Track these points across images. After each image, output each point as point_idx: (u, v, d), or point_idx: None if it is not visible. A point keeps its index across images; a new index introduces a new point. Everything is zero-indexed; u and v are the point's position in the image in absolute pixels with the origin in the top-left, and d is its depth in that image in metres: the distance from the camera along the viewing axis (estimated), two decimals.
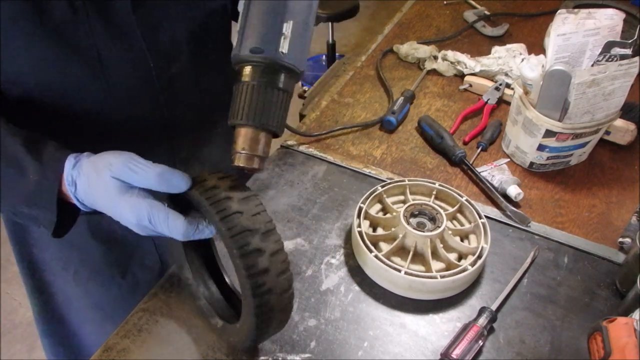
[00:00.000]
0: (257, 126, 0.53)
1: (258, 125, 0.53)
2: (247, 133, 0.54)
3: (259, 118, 0.53)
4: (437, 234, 0.77)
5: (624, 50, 0.83)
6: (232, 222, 0.53)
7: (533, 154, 0.94)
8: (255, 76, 0.52)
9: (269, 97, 0.53)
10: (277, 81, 0.53)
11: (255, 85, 0.52)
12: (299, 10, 0.53)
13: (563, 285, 0.78)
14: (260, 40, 0.52)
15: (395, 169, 0.97)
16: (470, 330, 0.68)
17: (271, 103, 0.53)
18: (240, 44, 0.53)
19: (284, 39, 0.52)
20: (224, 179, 0.57)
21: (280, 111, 0.54)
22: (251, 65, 0.53)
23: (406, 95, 1.10)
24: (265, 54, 0.52)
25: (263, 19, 0.52)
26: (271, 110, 0.53)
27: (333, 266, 0.80)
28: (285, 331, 0.71)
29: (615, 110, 0.89)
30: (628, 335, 0.60)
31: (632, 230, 0.83)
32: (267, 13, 0.52)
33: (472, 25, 1.35)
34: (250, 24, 0.52)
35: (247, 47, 0.52)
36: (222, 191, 0.55)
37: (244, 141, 0.54)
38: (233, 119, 0.54)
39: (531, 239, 0.84)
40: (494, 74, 1.15)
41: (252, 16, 0.52)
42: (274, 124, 0.54)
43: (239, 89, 0.53)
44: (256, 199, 0.57)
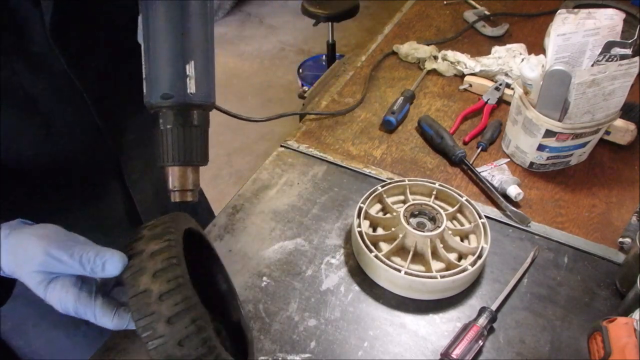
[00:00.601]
0: (182, 164, 0.57)
1: (182, 163, 0.57)
2: (174, 172, 0.58)
3: (182, 157, 0.57)
4: (437, 234, 0.77)
5: (624, 50, 0.83)
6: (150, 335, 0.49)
7: (533, 154, 0.94)
8: (170, 120, 0.56)
9: (187, 135, 0.57)
10: (191, 119, 0.57)
11: (172, 128, 0.56)
12: (199, 47, 0.56)
13: (563, 285, 0.78)
14: (168, 86, 0.55)
15: (395, 169, 0.97)
16: (470, 330, 0.68)
17: (190, 140, 0.57)
18: (150, 91, 0.56)
19: (190, 79, 0.56)
20: (156, 256, 0.52)
21: (200, 144, 0.58)
22: (164, 110, 0.56)
23: (406, 95, 1.10)
24: (175, 99, 0.55)
25: (166, 64, 0.55)
26: (192, 146, 0.57)
27: (333, 266, 0.80)
28: (285, 331, 0.71)
29: (615, 110, 0.89)
30: (628, 335, 0.60)
31: (632, 230, 0.83)
32: (169, 58, 0.55)
33: (472, 25, 1.35)
34: (155, 70, 0.55)
35: (157, 94, 0.55)
36: (152, 295, 0.50)
37: (174, 180, 0.58)
38: (160, 162, 0.57)
39: (531, 239, 0.84)
40: (494, 74, 1.15)
41: (155, 62, 0.55)
42: (196, 158, 0.58)
43: (159, 134, 0.57)
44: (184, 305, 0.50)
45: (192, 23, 0.56)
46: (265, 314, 0.74)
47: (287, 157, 0.99)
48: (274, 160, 0.99)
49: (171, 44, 0.55)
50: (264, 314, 0.74)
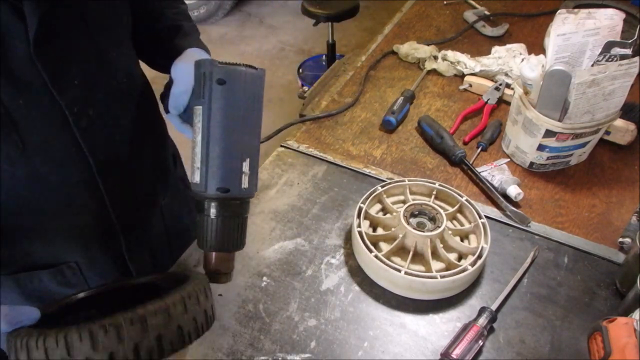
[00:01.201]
0: (226, 251, 0.62)
1: (227, 250, 0.62)
2: (219, 257, 0.62)
3: (226, 245, 0.62)
4: (437, 234, 0.77)
5: (624, 50, 0.83)
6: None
7: (533, 154, 0.94)
8: (222, 210, 0.60)
9: (234, 226, 0.62)
10: (240, 211, 0.62)
11: (222, 218, 0.60)
12: (253, 147, 0.62)
13: (563, 285, 0.78)
14: (225, 181, 0.59)
15: (395, 169, 0.97)
16: (470, 330, 0.68)
17: (235, 230, 0.62)
18: (206, 182, 0.59)
19: (244, 176, 0.60)
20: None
21: (243, 232, 0.63)
22: (217, 201, 0.60)
23: (406, 95, 1.10)
24: (231, 192, 0.60)
25: (225, 160, 0.59)
26: (235, 235, 0.62)
27: (333, 266, 0.80)
28: (285, 331, 0.71)
29: (615, 110, 0.89)
30: (628, 335, 0.60)
31: (632, 230, 0.83)
32: (228, 154, 0.59)
33: (472, 25, 1.35)
34: (213, 164, 0.59)
35: (214, 186, 0.59)
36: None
37: (217, 264, 0.62)
38: (206, 248, 0.62)
39: (531, 239, 0.84)
40: (494, 74, 1.15)
41: (214, 153, 0.59)
42: (238, 245, 0.63)
43: (207, 221, 0.60)
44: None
45: (251, 122, 0.61)
46: (265, 314, 0.74)
47: (287, 157, 0.99)
48: (274, 160, 0.99)
49: (233, 142, 0.59)
50: (264, 314, 0.74)
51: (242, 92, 0.59)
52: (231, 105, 0.59)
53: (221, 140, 0.59)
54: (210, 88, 0.58)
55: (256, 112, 0.61)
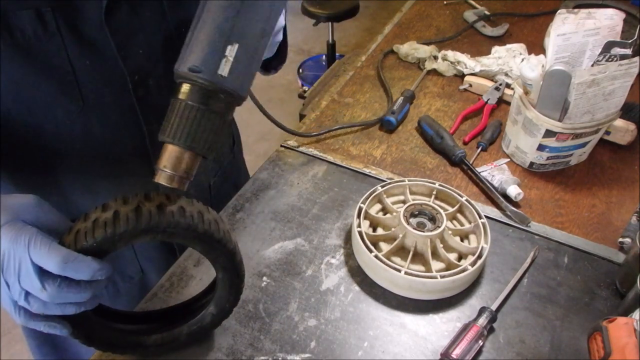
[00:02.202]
0: (183, 147, 0.52)
1: (184, 145, 0.52)
2: (172, 151, 0.52)
3: (186, 139, 0.52)
4: (437, 234, 0.77)
5: (624, 50, 0.83)
6: None
7: (533, 154, 0.94)
8: (190, 96, 0.51)
9: (201, 119, 0.51)
10: (212, 104, 0.52)
11: (189, 105, 0.51)
12: (250, 35, 0.52)
13: (563, 285, 0.78)
14: (200, 60, 0.50)
15: (395, 169, 0.97)
16: (470, 330, 0.68)
17: (203, 125, 0.52)
18: (181, 60, 0.51)
19: (226, 61, 0.51)
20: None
21: (211, 134, 0.53)
22: (189, 83, 0.51)
23: (406, 95, 1.10)
24: (202, 74, 0.50)
25: (208, 37, 0.50)
26: (201, 132, 0.52)
27: (333, 266, 0.80)
28: (285, 331, 0.71)
29: (615, 110, 0.89)
30: (628, 335, 0.60)
31: (632, 230, 0.83)
32: (213, 31, 0.51)
33: (472, 25, 1.35)
34: (196, 40, 0.51)
35: (187, 64, 0.51)
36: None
37: (167, 159, 0.52)
38: (162, 135, 0.53)
39: (531, 239, 0.84)
40: (494, 74, 1.15)
41: (199, 32, 0.51)
42: (201, 147, 0.52)
43: (173, 106, 0.52)
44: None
45: (250, 8, 0.51)
46: (265, 314, 0.74)
47: (287, 157, 0.99)
48: (274, 160, 0.99)
49: (222, 19, 0.50)
50: (264, 314, 0.74)
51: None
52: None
53: (210, 18, 0.51)
54: None
55: (265, 6, 0.52)
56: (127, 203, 0.53)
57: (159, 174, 0.53)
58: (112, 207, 0.53)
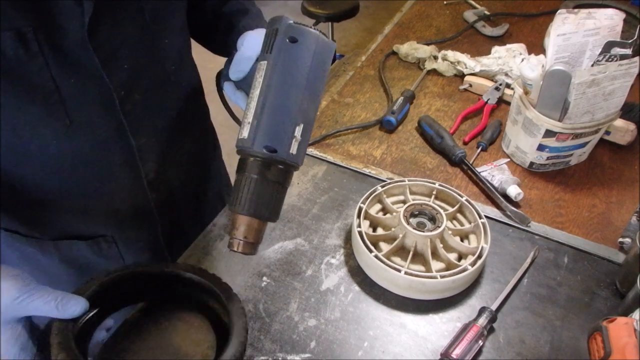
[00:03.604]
0: (261, 218, 0.57)
1: (262, 217, 0.57)
2: (250, 223, 0.57)
3: (260, 211, 0.57)
4: (437, 234, 0.77)
5: (624, 50, 0.83)
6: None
7: (533, 154, 0.94)
8: (263, 172, 0.56)
9: (271, 192, 0.57)
10: (282, 178, 0.57)
11: (262, 180, 0.56)
12: (309, 113, 0.57)
13: (563, 285, 0.78)
14: (275, 140, 0.55)
15: (395, 169, 0.97)
16: (470, 330, 0.68)
17: (274, 196, 0.57)
18: (254, 139, 0.55)
19: (295, 141, 0.56)
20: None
21: (280, 202, 0.59)
22: (261, 160, 0.56)
23: (406, 95, 1.10)
24: (278, 154, 0.55)
25: (278, 119, 0.55)
26: (273, 202, 0.58)
27: (333, 266, 0.80)
28: (285, 331, 0.71)
29: (615, 110, 0.89)
30: (628, 335, 0.60)
31: (632, 230, 0.83)
32: (283, 113, 0.55)
33: (472, 25, 1.35)
34: (266, 121, 0.55)
35: (261, 143, 0.55)
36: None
37: (247, 230, 0.57)
38: (239, 209, 0.57)
39: (531, 239, 0.84)
40: (494, 74, 1.15)
41: (268, 111, 0.55)
42: (272, 215, 0.58)
43: (246, 180, 0.56)
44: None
45: (313, 89, 0.57)
46: (265, 314, 0.74)
47: None
48: None
49: (292, 103, 0.56)
50: (264, 314, 0.74)
51: (311, 55, 0.56)
52: (298, 65, 0.55)
53: (279, 98, 0.55)
54: (280, 43, 0.56)
55: (320, 80, 0.58)
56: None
57: (238, 244, 0.58)
58: None
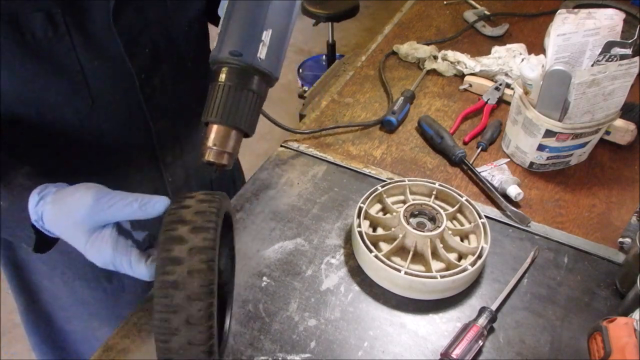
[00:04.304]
0: (229, 125, 0.56)
1: (230, 124, 0.56)
2: (219, 130, 0.57)
3: (232, 117, 0.56)
4: (437, 234, 0.77)
5: (624, 50, 0.83)
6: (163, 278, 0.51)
7: (533, 154, 0.94)
8: (232, 77, 0.55)
9: (242, 98, 0.56)
10: (252, 84, 0.56)
11: (231, 86, 0.55)
12: (279, 21, 0.57)
13: (563, 285, 0.78)
14: (240, 44, 0.55)
15: (395, 169, 0.97)
16: (470, 330, 0.68)
17: (244, 104, 0.56)
18: (220, 46, 0.55)
19: (263, 45, 0.55)
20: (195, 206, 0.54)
21: (252, 113, 0.57)
22: (228, 66, 0.55)
23: (406, 95, 1.10)
24: (243, 57, 0.55)
25: (244, 24, 0.55)
26: (244, 111, 0.56)
27: (333, 266, 0.80)
28: (285, 331, 0.71)
29: (615, 110, 0.89)
30: (628, 335, 0.60)
31: (632, 230, 0.83)
32: (248, 19, 0.55)
33: (472, 25, 1.35)
34: (231, 28, 0.55)
35: (226, 49, 0.55)
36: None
37: (215, 137, 0.56)
38: (207, 117, 0.57)
39: (531, 239, 0.84)
40: (494, 74, 1.15)
41: (234, 20, 0.55)
42: (245, 124, 0.57)
43: (215, 88, 0.56)
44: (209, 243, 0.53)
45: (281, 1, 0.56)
46: (265, 314, 0.74)
47: (287, 157, 0.99)
48: (274, 160, 0.99)
49: (255, 7, 0.55)
50: (264, 314, 0.74)
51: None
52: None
53: (245, 5, 0.55)
54: None
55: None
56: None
57: (208, 152, 0.57)
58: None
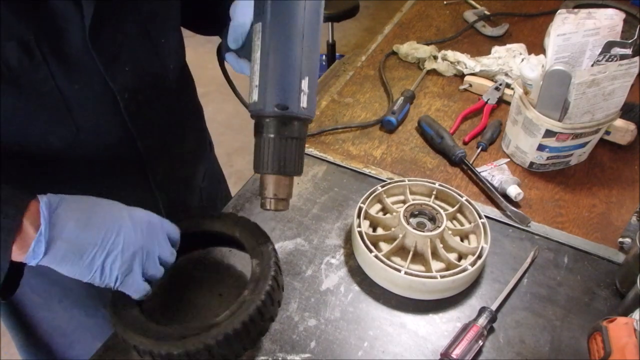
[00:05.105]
0: (282, 174, 0.60)
1: (283, 173, 0.60)
2: (275, 181, 0.60)
3: (284, 167, 0.59)
4: (437, 234, 0.77)
5: (624, 50, 0.83)
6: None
7: (533, 154, 0.94)
8: (279, 129, 0.58)
9: (291, 147, 0.59)
10: (297, 132, 0.59)
11: (280, 138, 0.58)
12: (312, 65, 0.59)
13: (563, 285, 0.78)
14: (284, 98, 0.57)
15: (395, 169, 0.97)
16: (470, 330, 0.68)
17: (293, 151, 0.59)
18: (264, 100, 0.57)
19: (303, 94, 0.58)
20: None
21: (300, 156, 0.61)
22: (275, 120, 0.58)
23: (406, 95, 1.10)
24: (289, 110, 0.57)
25: (285, 76, 0.57)
26: (294, 157, 0.60)
27: (333, 266, 0.80)
28: (285, 331, 0.71)
29: (615, 110, 0.89)
30: (628, 335, 0.60)
31: (632, 230, 0.84)
32: (287, 71, 0.57)
33: (472, 25, 1.35)
34: (272, 81, 0.57)
35: (271, 103, 0.57)
36: None
37: (274, 188, 0.60)
38: (261, 169, 0.60)
39: (531, 239, 0.84)
40: (494, 74, 1.15)
41: (273, 72, 0.57)
42: (296, 169, 0.61)
43: (265, 141, 0.59)
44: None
45: (311, 41, 0.58)
46: None
47: None
48: None
49: (293, 58, 0.57)
50: None
51: (303, 6, 0.57)
52: (292, 19, 0.57)
53: (280, 55, 0.57)
54: (270, 2, 0.56)
55: (316, 29, 0.59)
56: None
57: (270, 202, 0.61)
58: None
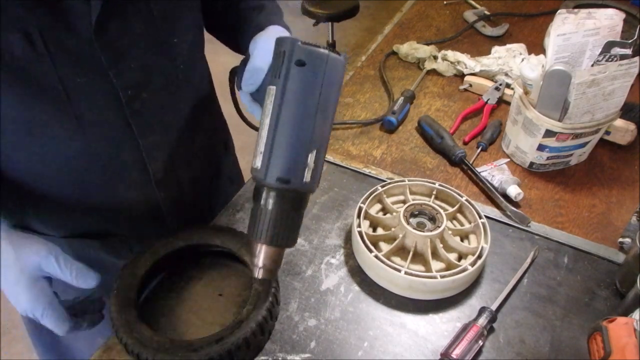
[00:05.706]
0: (276, 246, 0.58)
1: (277, 244, 0.58)
2: (268, 252, 0.58)
3: (278, 239, 0.58)
4: (437, 234, 0.77)
5: (624, 50, 0.83)
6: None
7: (533, 154, 0.94)
8: (278, 202, 0.56)
9: (287, 220, 0.57)
10: (297, 207, 0.58)
11: (279, 210, 0.56)
12: (322, 136, 0.56)
13: (563, 285, 0.78)
14: (287, 172, 0.55)
15: (395, 169, 0.97)
16: (470, 330, 0.68)
17: (290, 224, 0.58)
18: (266, 170, 0.55)
19: (308, 169, 0.56)
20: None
21: (296, 228, 0.59)
22: (275, 191, 0.56)
23: (406, 95, 1.10)
24: (291, 184, 0.55)
25: (292, 149, 0.54)
26: (290, 229, 0.58)
27: (333, 266, 0.80)
28: (285, 331, 0.71)
29: (615, 110, 0.89)
30: (628, 335, 0.60)
31: (632, 230, 0.83)
32: (296, 144, 0.54)
33: (472, 25, 1.35)
34: (278, 152, 0.54)
35: (274, 175, 0.55)
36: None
37: (265, 258, 0.58)
38: (255, 237, 0.58)
39: (531, 239, 0.84)
40: (494, 74, 1.15)
41: (280, 142, 0.54)
42: (290, 242, 0.59)
43: (262, 211, 0.57)
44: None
45: (326, 113, 0.56)
46: None
47: None
48: None
49: (304, 132, 0.55)
50: None
51: (321, 77, 0.54)
52: (308, 90, 0.54)
53: (290, 127, 0.54)
54: (287, 68, 0.53)
55: (333, 101, 0.56)
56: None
57: (259, 271, 0.59)
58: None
